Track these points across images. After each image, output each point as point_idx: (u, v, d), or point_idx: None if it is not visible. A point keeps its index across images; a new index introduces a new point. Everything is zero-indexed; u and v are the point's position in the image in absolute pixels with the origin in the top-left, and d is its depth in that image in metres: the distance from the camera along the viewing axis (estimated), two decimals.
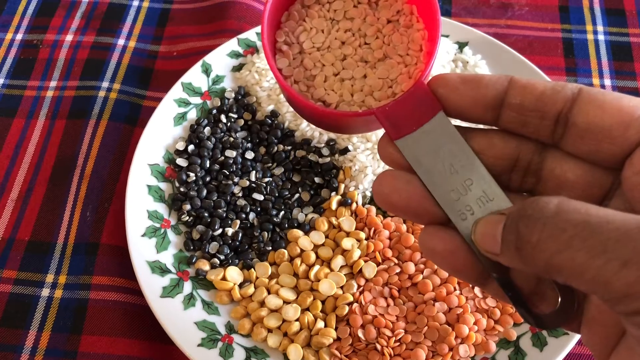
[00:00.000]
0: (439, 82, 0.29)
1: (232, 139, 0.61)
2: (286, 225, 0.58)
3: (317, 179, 0.60)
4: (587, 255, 0.21)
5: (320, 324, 0.52)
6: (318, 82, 0.34)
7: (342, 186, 0.59)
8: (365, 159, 0.60)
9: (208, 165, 0.60)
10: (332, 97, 0.33)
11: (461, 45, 0.67)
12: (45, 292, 0.57)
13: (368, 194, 0.60)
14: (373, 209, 0.58)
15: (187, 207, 0.58)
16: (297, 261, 0.55)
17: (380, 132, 0.33)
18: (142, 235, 0.55)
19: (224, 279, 0.55)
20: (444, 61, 0.65)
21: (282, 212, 0.58)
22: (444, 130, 0.29)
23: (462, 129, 0.29)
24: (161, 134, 0.61)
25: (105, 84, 0.68)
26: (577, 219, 0.22)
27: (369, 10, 0.35)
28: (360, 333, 0.52)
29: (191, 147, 0.61)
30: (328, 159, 0.60)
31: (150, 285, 0.53)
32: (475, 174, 0.28)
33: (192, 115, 0.63)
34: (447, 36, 0.67)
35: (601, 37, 0.72)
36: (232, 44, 0.66)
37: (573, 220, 0.22)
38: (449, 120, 0.29)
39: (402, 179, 0.29)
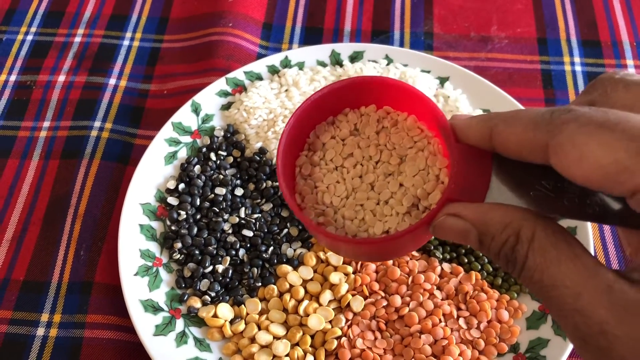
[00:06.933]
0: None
1: (221, 177, 0.63)
2: (275, 261, 0.59)
3: None
4: None
5: (309, 358, 0.53)
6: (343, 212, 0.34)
7: None
8: None
9: (198, 203, 0.62)
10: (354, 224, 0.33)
11: (442, 81, 0.69)
12: (40, 331, 0.58)
13: None
14: None
15: (179, 245, 0.59)
16: (287, 296, 0.57)
17: None
18: (135, 275, 0.57)
19: (215, 316, 0.56)
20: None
21: (271, 248, 0.60)
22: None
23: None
24: (152, 173, 0.63)
25: (97, 124, 0.70)
26: None
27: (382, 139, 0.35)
28: None
29: (182, 186, 0.62)
30: None
31: (144, 324, 0.54)
32: None
33: (183, 154, 0.65)
34: (428, 72, 0.69)
35: (578, 68, 0.74)
36: (220, 83, 0.68)
37: None
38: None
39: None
